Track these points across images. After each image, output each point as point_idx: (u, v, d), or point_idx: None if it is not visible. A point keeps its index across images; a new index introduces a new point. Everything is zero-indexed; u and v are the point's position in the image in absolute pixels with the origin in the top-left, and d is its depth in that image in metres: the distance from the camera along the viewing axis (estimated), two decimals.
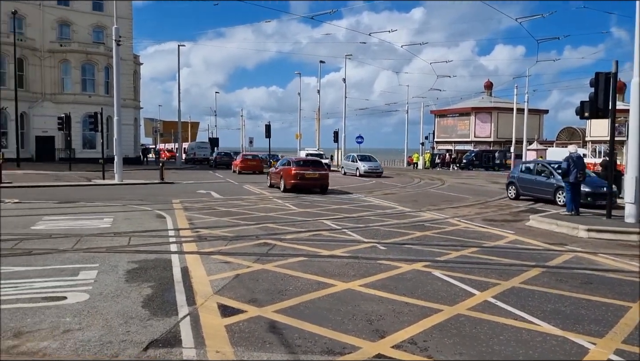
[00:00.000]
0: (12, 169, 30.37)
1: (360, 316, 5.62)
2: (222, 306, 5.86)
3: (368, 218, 13.91)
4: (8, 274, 7.07)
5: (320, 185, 21.61)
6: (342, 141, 49.18)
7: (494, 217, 14.67)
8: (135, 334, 4.92)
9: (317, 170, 21.77)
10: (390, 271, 7.72)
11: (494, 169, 48.60)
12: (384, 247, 9.69)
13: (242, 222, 12.59)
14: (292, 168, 21.45)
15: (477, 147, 59.73)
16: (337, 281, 7.06)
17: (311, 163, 22.57)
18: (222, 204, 16.74)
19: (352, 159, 37.55)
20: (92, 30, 46.39)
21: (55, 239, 9.80)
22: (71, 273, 7.20)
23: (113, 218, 12.80)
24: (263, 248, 9.32)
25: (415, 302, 6.19)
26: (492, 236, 11.27)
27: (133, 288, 6.50)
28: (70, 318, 5.35)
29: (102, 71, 45.22)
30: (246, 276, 7.28)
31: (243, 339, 4.86)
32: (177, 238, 10.32)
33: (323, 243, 10.00)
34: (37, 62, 43.55)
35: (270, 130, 46.63)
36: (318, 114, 56.47)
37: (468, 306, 6.07)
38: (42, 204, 15.90)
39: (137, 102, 51.60)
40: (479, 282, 7.18)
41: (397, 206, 16.91)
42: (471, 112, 64.18)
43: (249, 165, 35.86)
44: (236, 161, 37.83)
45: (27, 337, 4.79)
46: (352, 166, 36.63)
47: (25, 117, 42.47)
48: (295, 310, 5.79)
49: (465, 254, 9.21)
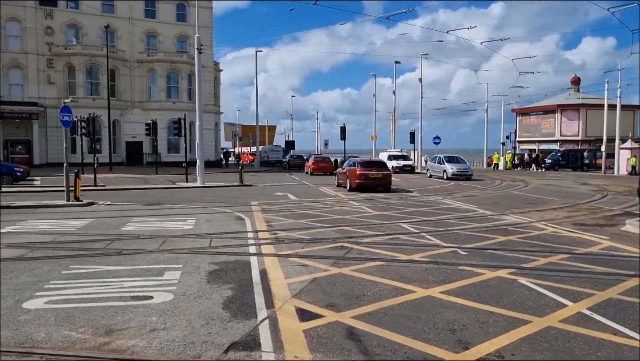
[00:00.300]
0: (105, 173, 32.52)
1: (442, 325, 5.40)
2: (300, 310, 5.85)
3: (447, 221, 13.48)
4: (101, 273, 7.50)
5: (383, 184, 22.74)
6: (419, 142, 48.29)
7: (584, 221, 13.72)
8: (216, 336, 5.00)
9: (380, 170, 23.09)
10: (472, 278, 7.39)
11: (583, 170, 45.73)
12: (465, 252, 9.32)
13: (319, 224, 12.62)
14: (357, 169, 22.80)
15: (563, 146, 56.47)
16: (416, 287, 6.85)
17: (375, 164, 24.07)
18: (299, 206, 16.91)
19: (439, 161, 34.59)
20: (176, 40, 48.78)
21: (143, 240, 10.30)
22: (157, 273, 7.50)
23: (195, 220, 13.28)
24: (340, 252, 9.26)
25: (500, 311, 5.86)
26: (583, 242, 10.52)
27: (214, 290, 6.65)
28: (156, 317, 5.55)
29: (185, 79, 47.37)
30: (323, 279, 7.25)
31: (321, 345, 4.81)
32: (255, 240, 10.51)
33: (401, 246, 9.79)
34: (127, 72, 46.40)
35: (345, 132, 46.69)
36: (394, 115, 55.83)
37: (560, 317, 5.66)
38: (132, 206, 16.84)
39: (218, 107, 53.58)
40: (571, 292, 6.69)
41: (478, 209, 16.28)
42: (557, 109, 60.72)
43: (320, 166, 37.23)
44: (308, 163, 39.45)
45: (117, 335, 5.02)
46: (439, 168, 34.00)
47: (116, 124, 45.36)
48: (373, 316, 5.66)
49: (554, 261, 8.64)
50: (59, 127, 39.69)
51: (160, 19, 47.99)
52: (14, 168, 26.84)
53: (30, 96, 42.85)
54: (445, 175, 32.62)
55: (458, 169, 32.36)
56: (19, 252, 9.08)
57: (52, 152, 43.19)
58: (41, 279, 7.13)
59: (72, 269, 7.75)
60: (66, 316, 5.55)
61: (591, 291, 6.70)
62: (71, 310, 5.80)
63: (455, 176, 31.92)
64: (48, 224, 12.60)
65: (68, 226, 12.28)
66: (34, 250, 9.26)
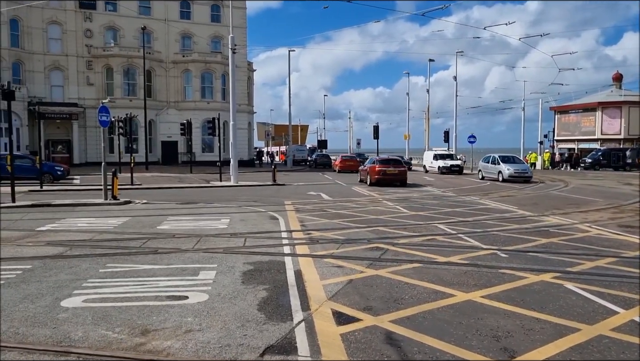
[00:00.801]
0: (142, 172, 33.12)
1: (485, 332, 5.17)
2: (336, 313, 5.71)
3: (485, 222, 13.11)
4: (137, 272, 7.53)
5: (399, 180, 25.94)
6: (454, 141, 47.48)
7: (631, 223, 13.12)
8: (252, 338, 4.91)
9: (397, 167, 26.34)
10: (514, 282, 7.10)
11: (625, 170, 44.07)
12: (505, 254, 8.99)
13: (353, 225, 12.45)
14: (376, 166, 26.16)
15: (604, 145, 54.59)
16: (456, 291, 6.61)
17: (392, 162, 27.17)
18: (332, 206, 16.76)
19: (493, 161, 31.18)
20: (210, 40, 49.31)
21: (178, 239, 10.34)
22: (192, 273, 7.48)
23: (229, 219, 13.30)
24: (375, 253, 9.07)
25: (546, 318, 5.59)
26: (631, 245, 10.04)
27: (249, 290, 6.58)
28: (192, 318, 5.50)
29: (219, 79, 47.83)
30: (359, 281, 7.08)
31: (359, 350, 4.65)
32: (289, 240, 10.42)
33: (438, 248, 9.53)
34: (163, 73, 47.17)
35: (378, 131, 46.36)
36: (427, 114, 55.12)
37: (611, 326, 5.35)
38: (167, 205, 17.03)
39: (251, 107, 53.93)
40: (622, 298, 6.34)
41: (517, 210, 15.80)
42: (597, 107, 58.68)
43: (347, 165, 39.71)
44: (336, 161, 42.42)
45: (153, 335, 4.98)
46: (493, 169, 30.78)
47: (152, 124, 46.17)
48: (412, 320, 5.48)
49: (601, 265, 8.25)
50: (97, 127, 40.67)
51: (195, 20, 48.60)
52: (54, 167, 27.62)
53: (70, 97, 44.05)
54: (500, 177, 29.59)
55: (516, 170, 29.22)
56: (58, 250, 9.24)
57: (91, 151, 44.33)
58: (79, 278, 7.20)
59: (109, 267, 7.81)
60: (103, 316, 5.56)
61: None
62: (108, 308, 5.81)
63: (512, 178, 28.89)
64: (86, 222, 12.83)
65: (106, 225, 12.47)
66: (72, 248, 9.40)
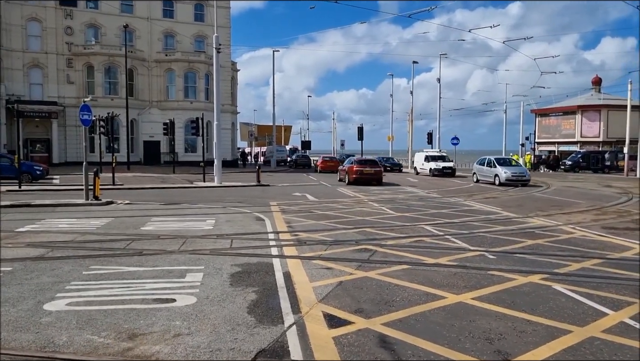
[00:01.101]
0: (123, 172, 32.63)
1: (478, 334, 5.14)
2: (328, 315, 5.63)
3: (471, 223, 13.16)
4: (122, 274, 7.36)
5: (375, 179, 27.78)
6: (437, 143, 47.75)
7: (614, 224, 13.29)
8: (243, 342, 4.81)
9: (373, 167, 28.40)
10: (504, 283, 7.10)
11: (604, 172, 44.82)
12: (493, 256, 9.01)
13: (340, 226, 12.39)
14: (354, 166, 28.08)
15: (583, 147, 55.45)
16: (446, 293, 6.59)
17: (369, 162, 29.44)
18: (318, 207, 16.69)
19: (488, 163, 29.98)
20: (194, 39, 48.84)
21: (164, 240, 10.16)
22: (179, 275, 7.34)
23: (215, 220, 13.14)
24: (364, 254, 9.02)
25: (538, 320, 5.58)
26: (615, 247, 10.15)
27: (238, 293, 6.46)
28: (180, 321, 5.37)
29: (202, 78, 47.42)
30: (350, 283, 7.02)
31: (353, 353, 4.58)
32: (277, 241, 10.32)
33: (426, 250, 9.51)
34: (145, 72, 46.58)
35: (362, 132, 46.49)
36: (411, 116, 55.31)
37: (602, 327, 5.36)
38: (150, 205, 16.78)
39: (235, 107, 53.58)
40: (611, 299, 6.38)
41: (501, 211, 15.91)
42: (577, 110, 59.60)
43: (327, 165, 41.75)
44: (318, 162, 44.35)
45: (141, 340, 4.85)
46: (489, 173, 29.62)
47: (134, 124, 45.56)
48: (405, 323, 5.42)
49: (588, 267, 8.31)
50: (77, 127, 40.04)
51: (178, 18, 48.10)
52: (33, 167, 27.04)
53: (50, 95, 43.23)
54: (497, 180, 28.35)
55: (513, 174, 27.99)
56: (39, 251, 9.00)
57: (71, 151, 43.58)
58: (62, 280, 7.01)
59: (93, 269, 7.63)
60: (88, 319, 5.40)
61: (631, 299, 6.38)
62: (93, 312, 5.65)
63: (509, 181, 27.66)
64: (68, 223, 12.55)
65: (88, 225, 12.22)
66: (54, 250, 9.17)
